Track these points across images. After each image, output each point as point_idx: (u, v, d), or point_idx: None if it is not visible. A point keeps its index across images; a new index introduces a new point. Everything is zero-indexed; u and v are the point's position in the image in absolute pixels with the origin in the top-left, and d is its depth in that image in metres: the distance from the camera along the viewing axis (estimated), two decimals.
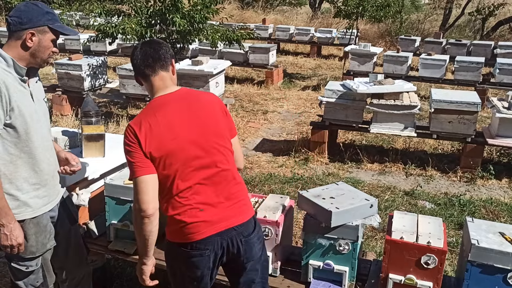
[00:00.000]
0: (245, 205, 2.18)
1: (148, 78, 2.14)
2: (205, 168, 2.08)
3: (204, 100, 2.18)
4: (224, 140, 2.16)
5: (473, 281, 2.37)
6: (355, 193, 2.76)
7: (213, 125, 2.13)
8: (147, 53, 2.12)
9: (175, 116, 2.08)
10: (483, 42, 12.54)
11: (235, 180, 2.17)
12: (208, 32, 7.75)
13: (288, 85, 10.52)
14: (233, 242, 2.11)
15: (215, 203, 2.09)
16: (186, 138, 2.06)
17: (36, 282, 2.38)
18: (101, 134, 3.11)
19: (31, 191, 2.26)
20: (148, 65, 2.11)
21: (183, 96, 2.15)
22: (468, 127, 5.53)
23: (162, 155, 2.03)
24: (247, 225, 2.15)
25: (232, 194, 2.14)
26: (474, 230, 2.46)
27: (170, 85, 2.17)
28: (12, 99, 2.10)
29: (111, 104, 8.43)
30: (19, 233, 2.19)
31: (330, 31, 14.22)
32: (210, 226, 2.07)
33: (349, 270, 2.62)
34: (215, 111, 2.18)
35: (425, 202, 4.92)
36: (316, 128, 6.14)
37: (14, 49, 2.16)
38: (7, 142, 2.15)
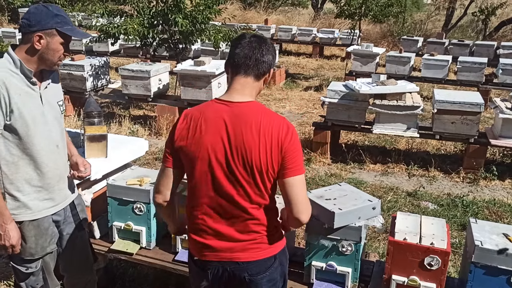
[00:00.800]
0: (259, 244, 1.97)
1: (235, 74, 1.94)
2: (221, 195, 1.91)
3: (256, 124, 1.86)
4: (255, 174, 1.87)
5: (476, 283, 2.36)
6: (358, 194, 2.75)
7: (245, 153, 1.86)
8: (254, 52, 1.90)
9: (216, 124, 1.88)
10: (486, 43, 12.53)
11: (255, 219, 1.94)
12: (210, 32, 7.74)
13: (290, 86, 10.51)
14: (237, 275, 1.96)
15: (225, 233, 1.94)
16: (211, 151, 1.88)
17: (37, 284, 2.38)
18: (103, 134, 3.11)
19: (32, 193, 2.25)
20: (245, 65, 1.91)
21: (240, 111, 1.89)
22: (471, 128, 5.51)
23: (187, 158, 1.92)
24: (256, 264, 1.96)
25: (249, 232, 1.95)
26: (477, 231, 2.45)
27: (245, 94, 1.92)
28: (12, 101, 2.10)
29: (113, 105, 8.44)
30: (14, 234, 2.17)
31: (332, 32, 14.21)
32: (213, 252, 1.97)
33: (352, 271, 2.62)
34: (263, 141, 1.85)
35: (428, 203, 4.91)
36: (319, 128, 6.13)
37: (23, 51, 2.17)
38: (9, 143, 2.15)
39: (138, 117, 7.79)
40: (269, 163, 1.86)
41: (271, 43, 2.01)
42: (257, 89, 1.98)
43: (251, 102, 1.93)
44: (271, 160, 1.86)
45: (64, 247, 2.48)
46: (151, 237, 3.03)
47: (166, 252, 3.02)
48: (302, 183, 1.92)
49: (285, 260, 2.09)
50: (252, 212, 1.92)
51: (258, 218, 1.94)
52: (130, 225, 3.01)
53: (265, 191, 1.92)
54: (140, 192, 2.95)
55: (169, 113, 6.89)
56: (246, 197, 1.90)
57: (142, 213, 2.98)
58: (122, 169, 3.30)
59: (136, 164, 4.94)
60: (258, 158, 1.85)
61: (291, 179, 1.89)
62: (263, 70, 1.94)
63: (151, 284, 3.33)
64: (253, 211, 1.92)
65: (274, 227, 2.01)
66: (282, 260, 2.06)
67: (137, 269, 3.50)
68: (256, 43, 1.93)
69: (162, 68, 7.20)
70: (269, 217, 1.98)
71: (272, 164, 1.87)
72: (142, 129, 6.99)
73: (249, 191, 1.89)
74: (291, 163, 1.88)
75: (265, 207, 1.95)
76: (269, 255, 1.98)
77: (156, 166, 5.74)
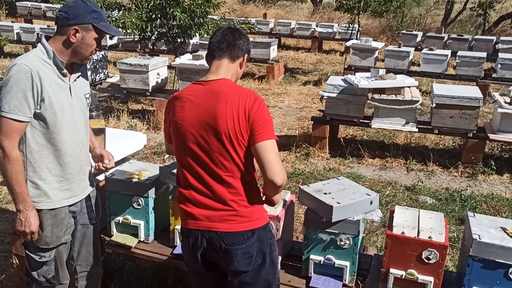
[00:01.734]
0: (237, 216, 2.08)
1: (211, 59, 2.15)
2: (199, 164, 2.08)
3: (224, 96, 2.04)
4: (224, 141, 2.03)
5: (474, 276, 2.37)
6: (356, 188, 2.75)
7: (215, 123, 2.02)
8: (226, 38, 2.12)
9: (192, 102, 2.09)
10: (485, 37, 12.49)
11: (231, 188, 2.07)
12: (209, 26, 7.72)
13: (289, 80, 10.50)
14: (213, 243, 2.09)
15: (204, 202, 2.10)
16: (187, 126, 2.08)
17: (48, 274, 2.41)
18: (101, 128, 3.10)
19: (53, 182, 2.30)
20: (219, 48, 2.12)
21: (211, 87, 2.08)
22: (469, 122, 5.52)
23: (173, 134, 2.17)
24: (233, 235, 2.07)
25: (227, 201, 2.08)
26: (475, 225, 2.46)
27: (219, 74, 2.11)
28: (44, 90, 2.15)
29: (112, 99, 8.42)
30: (34, 221, 2.23)
31: (331, 26, 14.17)
32: (194, 220, 2.12)
33: (350, 265, 2.62)
34: (230, 110, 2.02)
35: (426, 197, 4.91)
36: (317, 123, 6.13)
37: (58, 42, 2.22)
38: (36, 131, 2.21)
39: (137, 111, 7.78)
40: (237, 130, 2.01)
41: (244, 32, 2.22)
42: (233, 71, 2.15)
43: (223, 79, 2.10)
44: (239, 127, 2.01)
45: (75, 237, 2.52)
46: (149, 230, 3.03)
47: (165, 246, 3.02)
48: (273, 147, 2.02)
49: (266, 238, 2.16)
50: (227, 180, 2.06)
51: (235, 186, 2.07)
52: (128, 219, 3.01)
53: (238, 159, 2.04)
54: (139, 186, 2.94)
55: None
56: (220, 165, 2.05)
57: (140, 207, 2.98)
58: (121, 163, 3.29)
59: (135, 158, 4.93)
60: (226, 126, 2.00)
61: (260, 144, 2.00)
62: (236, 53, 2.13)
63: (149, 278, 3.33)
64: (228, 179, 2.06)
65: (253, 200, 2.12)
66: (262, 237, 2.14)
67: (136, 263, 3.50)
68: (228, 30, 2.16)
69: (161, 62, 7.18)
70: (247, 188, 2.10)
71: (240, 131, 2.01)
72: (140, 123, 6.98)
73: (222, 159, 2.04)
74: (259, 129, 2.01)
75: (242, 177, 2.08)
76: (246, 228, 2.09)
77: (155, 160, 5.73)
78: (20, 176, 2.17)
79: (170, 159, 5.73)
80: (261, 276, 2.17)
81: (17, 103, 2.10)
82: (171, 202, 2.93)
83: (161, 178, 2.95)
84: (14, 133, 2.13)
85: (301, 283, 2.67)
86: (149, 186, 2.93)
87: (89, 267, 2.61)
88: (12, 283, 3.28)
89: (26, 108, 2.12)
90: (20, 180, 2.17)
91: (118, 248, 3.07)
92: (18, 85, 2.10)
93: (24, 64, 2.12)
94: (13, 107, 2.10)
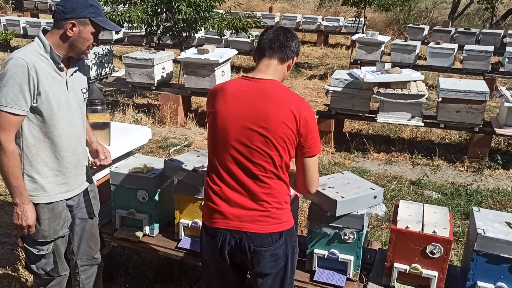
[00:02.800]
0: (268, 218, 2.05)
1: (261, 57, 2.10)
2: (235, 161, 2.03)
3: (275, 97, 2.00)
4: (268, 142, 1.98)
5: (478, 271, 2.36)
6: (360, 183, 2.75)
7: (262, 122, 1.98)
8: (279, 38, 2.08)
9: (237, 95, 2.03)
10: (493, 31, 12.40)
11: (266, 188, 2.03)
12: (214, 20, 7.70)
13: (294, 74, 10.47)
14: (242, 244, 2.04)
15: (236, 200, 2.04)
16: (230, 119, 2.02)
17: (47, 267, 2.42)
18: (106, 122, 3.11)
19: (50, 176, 2.30)
20: (271, 48, 2.07)
21: (261, 86, 2.04)
22: (476, 117, 5.48)
23: (210, 125, 2.10)
24: (262, 236, 2.04)
25: (259, 201, 2.04)
26: (480, 220, 2.45)
27: (268, 74, 2.07)
28: (40, 84, 2.15)
29: (117, 93, 8.44)
30: (31, 215, 2.23)
31: (337, 20, 14.11)
32: (223, 219, 2.06)
33: (354, 259, 2.62)
34: (279, 113, 1.98)
35: (432, 192, 4.90)
36: (323, 117, 6.11)
37: (55, 36, 2.21)
38: (32, 125, 2.21)
39: (142, 105, 7.80)
40: (284, 134, 1.98)
41: (295, 33, 2.16)
42: (280, 72, 2.12)
43: (273, 80, 2.07)
44: (287, 132, 1.98)
45: (74, 231, 2.53)
46: (154, 224, 3.04)
47: (169, 239, 3.04)
48: (317, 162, 2.09)
49: (290, 242, 2.13)
50: (264, 180, 2.02)
51: (270, 187, 2.03)
52: (133, 213, 3.02)
53: (278, 161, 2.01)
54: (143, 179, 2.95)
55: (173, 102, 6.88)
56: (258, 165, 2.00)
57: (145, 200, 2.99)
58: (125, 157, 3.31)
59: (140, 152, 4.95)
60: (273, 127, 1.97)
61: (310, 159, 2.05)
62: (287, 55, 2.09)
63: (154, 271, 3.35)
64: (265, 179, 2.02)
65: (284, 203, 2.09)
66: (288, 240, 2.11)
67: (141, 256, 3.52)
68: (281, 30, 2.11)
69: (166, 56, 7.18)
70: (280, 189, 2.07)
71: (287, 136, 1.98)
72: (146, 118, 7.00)
73: (262, 159, 2.00)
74: (311, 143, 2.03)
75: (277, 178, 2.05)
76: (276, 230, 2.06)
77: (160, 155, 5.75)
78: (17, 170, 2.17)
79: (175, 153, 5.75)
80: (280, 278, 2.14)
81: (14, 97, 2.10)
82: (176, 196, 2.94)
83: (166, 172, 2.95)
84: (10, 127, 2.12)
85: (305, 277, 2.68)
86: (154, 180, 2.94)
87: (90, 261, 2.62)
88: (18, 275, 3.31)
89: (22, 102, 2.12)
90: (16, 174, 2.17)
91: (123, 242, 3.09)
92: (15, 79, 2.09)
93: (20, 57, 2.12)
94: (10, 100, 2.09)
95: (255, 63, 2.14)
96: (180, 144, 6.07)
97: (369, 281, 2.62)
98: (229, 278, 2.20)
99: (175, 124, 6.90)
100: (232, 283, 2.23)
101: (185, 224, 2.95)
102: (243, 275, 2.24)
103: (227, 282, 2.22)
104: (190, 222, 2.93)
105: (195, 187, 2.79)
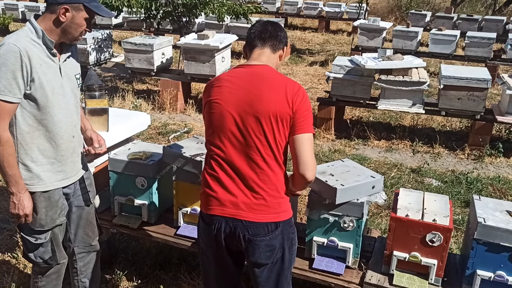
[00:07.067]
0: (265, 207, 2.03)
1: (252, 48, 2.15)
2: (232, 145, 2.03)
3: (268, 80, 2.04)
4: (263, 124, 1.99)
5: (478, 259, 2.36)
6: (361, 170, 2.73)
7: (256, 104, 1.99)
8: (268, 29, 2.14)
9: (231, 82, 2.06)
10: (495, 18, 12.28)
11: (263, 174, 2.02)
12: (214, 5, 7.62)
13: (295, 61, 10.40)
14: (237, 232, 2.03)
15: (232, 186, 2.03)
16: (225, 105, 2.03)
17: (45, 255, 2.41)
18: (104, 108, 3.08)
19: (45, 164, 2.27)
20: (261, 38, 2.13)
21: (255, 70, 2.08)
22: (477, 104, 5.45)
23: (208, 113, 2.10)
24: (258, 225, 2.02)
25: (256, 188, 2.02)
26: (480, 208, 2.43)
27: (261, 61, 2.12)
28: (34, 70, 2.11)
29: (117, 79, 8.39)
30: (27, 204, 2.21)
31: (339, 5, 13.97)
32: (219, 206, 2.05)
33: (353, 247, 2.61)
34: (273, 95, 2.00)
35: (432, 180, 4.88)
36: (323, 104, 6.08)
37: (47, 21, 2.16)
38: (26, 113, 2.17)
39: (142, 91, 7.75)
40: (278, 115, 1.98)
41: (281, 26, 2.22)
42: (273, 61, 2.15)
43: (266, 65, 2.10)
44: (280, 113, 1.98)
45: (71, 219, 2.51)
46: (153, 211, 3.03)
47: (168, 226, 3.03)
48: (310, 141, 2.03)
49: (287, 233, 2.11)
50: (260, 165, 2.01)
51: (266, 173, 2.02)
52: (132, 199, 3.01)
53: (274, 144, 2.01)
54: (142, 166, 2.94)
55: (173, 88, 6.84)
56: (255, 148, 2.00)
57: (144, 187, 2.97)
58: (124, 143, 3.28)
59: (139, 138, 4.93)
60: (267, 109, 1.97)
61: (300, 136, 2.00)
62: (278, 44, 2.15)
63: (153, 258, 3.35)
64: (261, 164, 2.01)
65: (282, 191, 2.07)
66: (285, 231, 2.09)
67: (140, 243, 3.52)
68: (268, 22, 2.18)
69: (166, 41, 7.12)
70: (277, 177, 2.05)
71: (282, 117, 1.98)
72: (145, 103, 6.96)
73: (257, 142, 2.00)
74: (301, 121, 2.00)
75: (274, 164, 2.04)
76: (272, 220, 2.04)
77: (159, 141, 5.73)
78: (12, 158, 2.14)
79: (174, 140, 5.73)
80: (277, 270, 2.13)
81: (7, 84, 2.05)
82: (175, 183, 2.93)
83: (165, 159, 2.93)
84: (4, 115, 2.09)
85: (304, 265, 2.68)
86: (152, 167, 2.92)
87: (87, 248, 2.61)
88: (17, 261, 3.31)
89: (16, 89, 2.08)
90: (11, 163, 2.14)
91: (122, 228, 3.08)
92: (7, 66, 2.05)
93: (13, 43, 2.07)
94: (3, 88, 2.05)
95: (246, 56, 2.19)
96: (179, 131, 6.05)
97: (368, 269, 2.61)
98: (226, 265, 2.19)
99: (175, 110, 6.87)
100: (229, 271, 2.22)
101: (184, 211, 2.94)
102: (240, 263, 2.23)
103: (224, 269, 2.21)
104: (189, 209, 2.92)
105: (194, 174, 2.77)
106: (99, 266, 2.76)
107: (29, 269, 3.19)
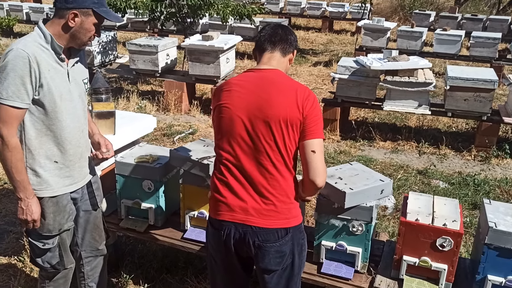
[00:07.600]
0: (275, 212, 2.01)
1: (262, 52, 2.13)
2: (242, 150, 2.00)
3: (278, 85, 2.02)
4: (273, 128, 1.97)
5: (489, 264, 2.33)
6: (369, 174, 2.70)
7: (266, 108, 1.97)
8: (278, 32, 2.12)
9: (241, 86, 2.04)
10: (500, 17, 12.23)
11: (272, 180, 2.00)
12: (218, 6, 7.60)
13: (299, 61, 10.37)
14: (247, 238, 2.00)
15: (242, 191, 2.01)
16: (234, 109, 2.01)
17: (52, 260, 2.40)
18: (111, 111, 3.06)
19: (53, 169, 2.26)
20: (271, 42, 2.11)
21: (264, 75, 2.06)
22: (484, 105, 5.41)
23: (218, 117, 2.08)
24: (268, 231, 2.00)
25: (265, 194, 2.00)
26: (491, 213, 2.41)
27: (271, 65, 2.10)
28: (42, 76, 2.10)
29: (121, 80, 8.38)
30: (35, 209, 2.20)
31: (342, 5, 13.95)
32: (229, 211, 2.02)
33: (362, 251, 2.59)
34: (283, 99, 1.98)
35: (439, 181, 4.85)
36: (328, 105, 6.05)
37: (56, 26, 2.15)
38: (35, 118, 2.16)
39: (146, 92, 7.74)
40: (288, 119, 1.96)
41: (291, 29, 2.21)
42: (283, 65, 2.14)
43: (276, 69, 2.09)
44: (291, 118, 1.96)
45: (78, 224, 2.50)
46: (160, 215, 3.01)
47: (175, 230, 3.01)
48: (320, 146, 2.00)
49: (297, 239, 2.08)
50: (270, 170, 1.99)
51: (276, 178, 2.00)
52: (138, 203, 3.00)
53: (283, 149, 1.99)
54: (149, 169, 2.92)
55: (177, 89, 6.82)
56: (264, 153, 1.98)
57: (150, 190, 2.96)
58: (130, 146, 3.27)
59: (145, 140, 4.92)
60: (277, 113, 1.95)
61: (310, 141, 1.98)
62: (288, 47, 2.13)
63: (160, 261, 3.34)
64: (271, 169, 1.99)
65: (292, 198, 2.05)
66: (295, 237, 2.07)
67: (146, 246, 3.51)
68: (278, 26, 2.17)
69: (170, 43, 7.11)
70: (287, 182, 2.03)
71: (292, 122, 1.96)
72: (150, 105, 6.95)
73: (267, 147, 1.98)
74: (311, 126, 1.98)
75: (284, 170, 2.01)
76: (282, 226, 2.02)
77: (165, 143, 5.72)
78: (20, 163, 2.13)
79: (179, 141, 5.72)
80: (287, 276, 2.10)
81: (15, 90, 2.04)
82: (182, 186, 2.91)
83: (172, 162, 2.92)
84: (12, 120, 2.07)
85: (312, 269, 2.65)
86: (159, 170, 2.91)
87: (94, 252, 2.60)
88: (24, 264, 3.30)
89: (24, 95, 2.06)
90: (20, 168, 2.13)
91: (128, 232, 3.07)
92: (16, 71, 2.03)
93: (21, 49, 2.05)
94: (11, 93, 2.04)
95: (256, 59, 2.17)
96: (184, 132, 6.03)
97: (377, 273, 2.59)
98: (235, 271, 2.17)
99: (180, 111, 6.86)
100: (238, 276, 2.20)
101: (191, 214, 2.92)
102: (249, 269, 2.20)
103: (233, 275, 2.19)
104: (196, 213, 2.90)
105: (201, 177, 2.75)
106: (106, 271, 2.75)
107: (35, 272, 3.18)
